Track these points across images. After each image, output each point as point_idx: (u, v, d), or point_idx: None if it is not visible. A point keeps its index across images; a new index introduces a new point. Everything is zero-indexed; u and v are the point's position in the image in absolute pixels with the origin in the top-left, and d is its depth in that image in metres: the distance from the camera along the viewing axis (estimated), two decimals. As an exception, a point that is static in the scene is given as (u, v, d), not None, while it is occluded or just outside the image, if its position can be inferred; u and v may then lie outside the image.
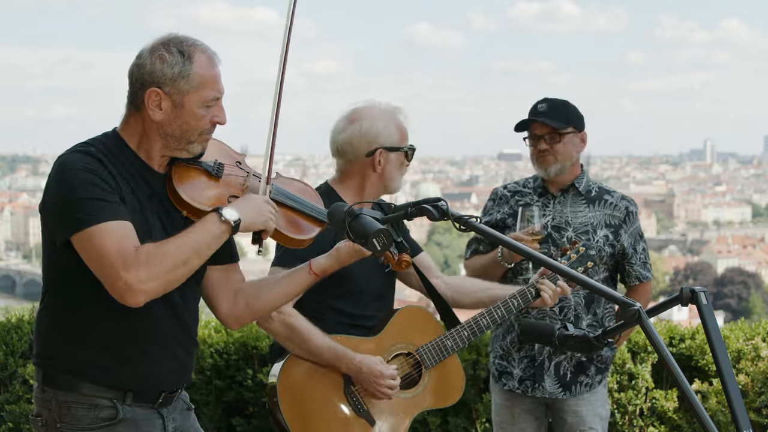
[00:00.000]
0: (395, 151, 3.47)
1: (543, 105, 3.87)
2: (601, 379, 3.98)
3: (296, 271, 2.91)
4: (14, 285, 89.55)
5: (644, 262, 4.00)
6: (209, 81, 2.62)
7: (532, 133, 3.90)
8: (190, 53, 2.61)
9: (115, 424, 2.63)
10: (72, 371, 2.62)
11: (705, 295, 2.09)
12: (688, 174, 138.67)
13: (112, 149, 2.64)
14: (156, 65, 2.59)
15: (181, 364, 2.76)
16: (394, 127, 3.48)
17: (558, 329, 2.46)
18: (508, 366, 3.98)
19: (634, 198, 4.13)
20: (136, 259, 2.44)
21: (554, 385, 3.91)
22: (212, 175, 2.72)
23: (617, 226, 3.92)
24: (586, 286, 2.16)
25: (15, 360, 5.03)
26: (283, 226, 2.77)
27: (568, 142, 3.86)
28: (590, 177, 4.03)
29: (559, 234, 3.89)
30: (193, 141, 2.65)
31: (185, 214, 2.67)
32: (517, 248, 2.26)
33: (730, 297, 61.08)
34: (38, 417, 2.68)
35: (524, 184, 4.04)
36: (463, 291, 3.70)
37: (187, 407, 2.87)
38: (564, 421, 3.95)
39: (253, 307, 2.87)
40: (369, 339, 3.44)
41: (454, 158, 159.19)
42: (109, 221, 2.47)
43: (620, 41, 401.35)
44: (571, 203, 3.94)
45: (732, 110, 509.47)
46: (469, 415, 5.08)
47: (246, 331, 5.23)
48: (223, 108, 2.68)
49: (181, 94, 2.60)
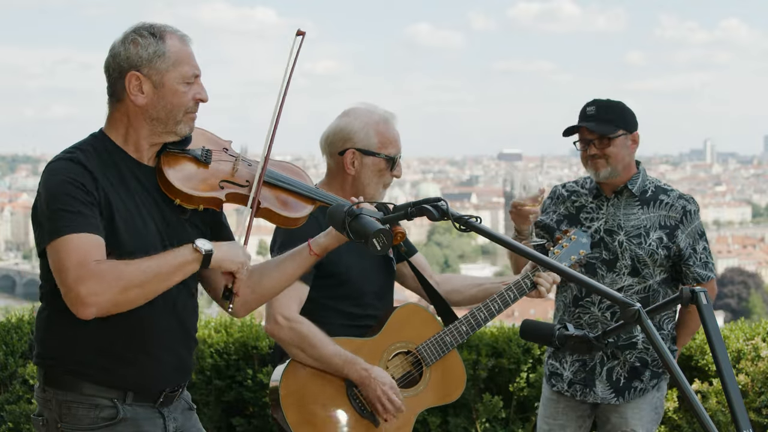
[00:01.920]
0: (370, 156, 3.42)
1: (591, 108, 3.82)
2: (656, 383, 3.91)
3: (296, 252, 2.91)
4: (14, 285, 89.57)
5: (705, 261, 3.90)
6: (185, 57, 2.66)
7: (581, 137, 3.86)
8: (161, 34, 2.65)
9: (116, 424, 2.64)
10: (73, 371, 2.63)
11: (705, 295, 2.09)
12: (688, 174, 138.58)
13: (99, 150, 2.65)
14: (131, 50, 2.63)
15: (181, 361, 2.77)
16: (372, 131, 3.43)
17: (558, 329, 2.46)
18: (559, 367, 3.95)
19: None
20: (92, 272, 2.45)
21: (606, 391, 3.87)
22: (201, 161, 2.74)
23: (673, 227, 3.84)
24: (582, 284, 2.15)
25: (15, 360, 5.03)
26: (276, 206, 2.79)
27: (619, 144, 3.81)
28: (648, 175, 3.95)
29: (610, 238, 3.85)
30: (179, 120, 2.67)
31: (178, 202, 2.69)
32: (518, 248, 2.26)
33: (730, 297, 61.04)
34: (39, 416, 2.68)
35: (582, 184, 4.00)
36: (456, 289, 3.69)
37: (188, 407, 2.87)
38: (608, 420, 3.93)
39: (258, 292, 2.87)
40: (369, 339, 3.43)
41: (454, 158, 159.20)
42: (76, 233, 2.49)
43: (620, 41, 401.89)
44: (625, 206, 3.88)
45: (732, 110, 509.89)
46: (469, 415, 5.08)
47: (246, 331, 5.23)
48: (203, 86, 2.71)
49: (160, 74, 2.63)
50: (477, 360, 5.06)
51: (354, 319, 3.45)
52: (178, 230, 2.72)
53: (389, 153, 3.45)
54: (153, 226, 2.65)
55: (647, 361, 3.88)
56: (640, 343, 3.86)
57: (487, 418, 5.06)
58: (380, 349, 3.44)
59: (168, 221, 2.69)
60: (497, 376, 5.14)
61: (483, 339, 5.16)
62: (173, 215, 2.71)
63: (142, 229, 2.63)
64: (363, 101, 3.56)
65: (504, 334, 5.23)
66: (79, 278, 2.45)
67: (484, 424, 5.07)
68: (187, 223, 2.75)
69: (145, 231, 2.63)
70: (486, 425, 5.06)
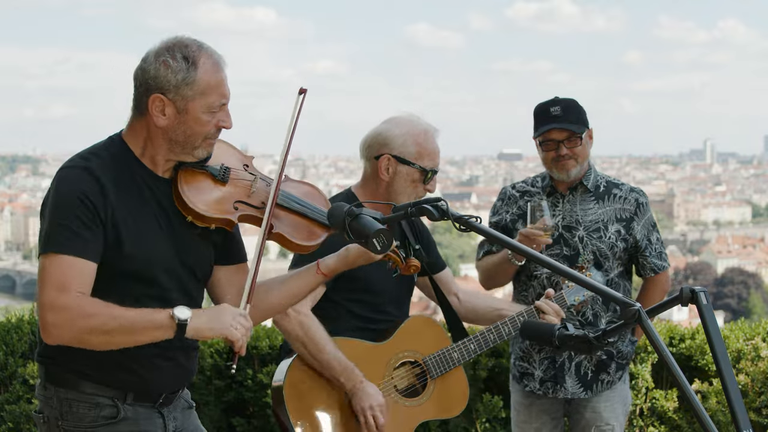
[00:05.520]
0: (405, 164, 3.41)
1: (556, 108, 3.80)
2: (622, 375, 3.97)
3: (304, 271, 2.89)
4: (14, 285, 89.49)
5: (659, 252, 3.96)
6: (214, 87, 2.59)
7: (548, 138, 3.82)
8: (195, 59, 2.57)
9: (116, 423, 2.64)
10: (74, 370, 2.63)
11: (705, 295, 2.09)
12: (688, 174, 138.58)
13: (116, 156, 2.63)
14: (160, 71, 2.57)
15: (182, 369, 2.76)
16: (411, 140, 3.42)
17: (558, 329, 2.45)
18: (529, 367, 3.97)
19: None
20: (65, 304, 2.44)
21: (575, 385, 3.90)
22: (218, 179, 2.70)
23: (629, 219, 3.89)
24: (589, 287, 2.16)
25: (15, 360, 5.02)
26: (288, 232, 2.74)
27: (584, 142, 3.83)
28: (598, 171, 3.97)
29: (570, 234, 3.87)
30: (197, 146, 2.63)
31: (189, 219, 2.66)
32: (518, 249, 2.26)
33: (730, 297, 61.02)
34: (40, 414, 2.69)
35: (532, 183, 4.01)
36: (476, 312, 3.73)
37: (188, 405, 2.87)
38: (581, 417, 3.95)
39: (261, 307, 2.83)
40: (378, 344, 3.44)
41: (454, 158, 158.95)
42: (70, 256, 2.47)
43: (619, 41, 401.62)
44: (581, 201, 3.90)
45: (732, 110, 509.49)
46: (469, 415, 5.07)
47: (246, 331, 5.22)
48: (228, 113, 2.66)
49: (185, 101, 2.57)
50: (477, 360, 5.06)
51: (369, 323, 3.46)
52: (190, 243, 2.69)
53: (425, 165, 3.44)
54: (163, 237, 2.64)
55: (612, 354, 3.93)
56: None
57: (487, 418, 5.05)
58: (388, 355, 3.45)
59: (180, 234, 2.67)
60: (497, 376, 5.14)
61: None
62: (185, 228, 2.68)
63: (152, 240, 2.61)
64: (409, 111, 3.54)
65: (504, 334, 5.23)
66: (51, 305, 2.45)
67: (484, 424, 5.06)
68: (199, 237, 2.72)
69: (155, 242, 2.62)
70: (486, 425, 5.06)
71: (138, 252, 2.57)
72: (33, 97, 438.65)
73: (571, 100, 3.87)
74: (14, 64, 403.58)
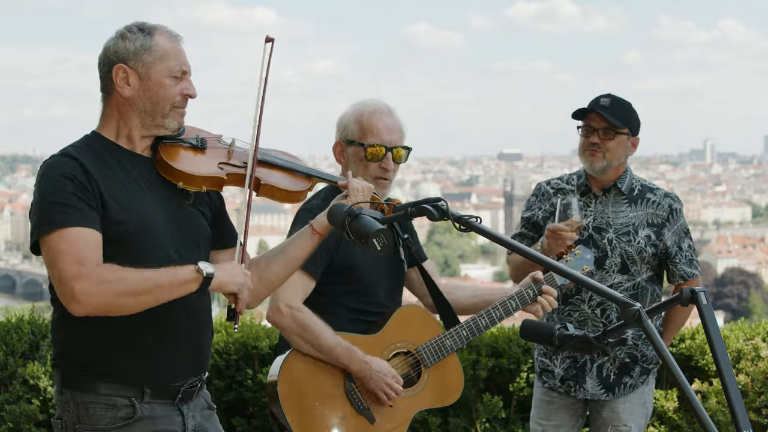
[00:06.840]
0: (351, 145, 3.46)
1: (606, 99, 3.85)
2: (646, 379, 3.96)
3: (299, 235, 2.94)
4: (14, 285, 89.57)
5: (690, 259, 3.94)
6: (172, 52, 2.70)
7: (587, 124, 3.87)
8: (150, 30, 2.71)
9: (133, 423, 2.66)
10: (90, 372, 2.65)
11: (705, 295, 2.09)
12: (688, 174, 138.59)
13: (93, 146, 2.69)
14: (119, 44, 2.69)
15: (198, 350, 2.79)
16: (354, 120, 3.46)
17: (558, 329, 2.45)
18: (550, 364, 3.98)
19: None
20: (91, 271, 2.47)
21: (596, 387, 3.90)
22: (197, 147, 2.79)
23: (660, 225, 3.88)
24: (587, 286, 2.16)
25: (15, 360, 5.02)
26: (276, 182, 2.85)
27: (620, 142, 3.84)
28: (633, 174, 3.98)
29: (599, 235, 3.87)
30: (166, 114, 2.70)
31: (181, 185, 2.72)
32: (519, 249, 2.26)
33: (730, 297, 61.04)
34: (59, 420, 2.71)
35: (568, 181, 4.01)
36: (459, 302, 3.64)
37: (208, 406, 2.88)
38: (599, 415, 3.95)
39: (266, 279, 2.90)
40: (369, 337, 3.44)
41: (454, 158, 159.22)
42: (73, 227, 2.50)
43: (619, 41, 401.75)
44: (613, 203, 3.90)
45: (732, 110, 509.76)
46: (469, 415, 5.08)
47: (246, 331, 5.22)
48: (192, 82, 2.75)
49: (146, 67, 2.67)
50: (477, 360, 5.06)
51: (362, 315, 3.46)
52: (184, 216, 2.75)
53: (369, 142, 3.44)
54: (154, 203, 2.68)
55: (637, 357, 3.91)
56: (629, 340, 3.90)
57: (487, 418, 5.06)
58: (380, 347, 3.45)
59: (173, 208, 2.72)
60: (497, 376, 5.15)
61: (483, 339, 5.16)
62: (177, 202, 2.74)
63: (142, 204, 2.65)
64: (374, 98, 3.56)
65: (504, 334, 5.23)
66: (76, 275, 2.46)
67: (484, 424, 5.07)
68: (192, 208, 2.79)
69: (145, 206, 2.65)
70: (486, 425, 5.06)
71: (131, 216, 2.61)
72: (33, 97, 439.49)
73: (626, 100, 3.90)
74: (14, 64, 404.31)
